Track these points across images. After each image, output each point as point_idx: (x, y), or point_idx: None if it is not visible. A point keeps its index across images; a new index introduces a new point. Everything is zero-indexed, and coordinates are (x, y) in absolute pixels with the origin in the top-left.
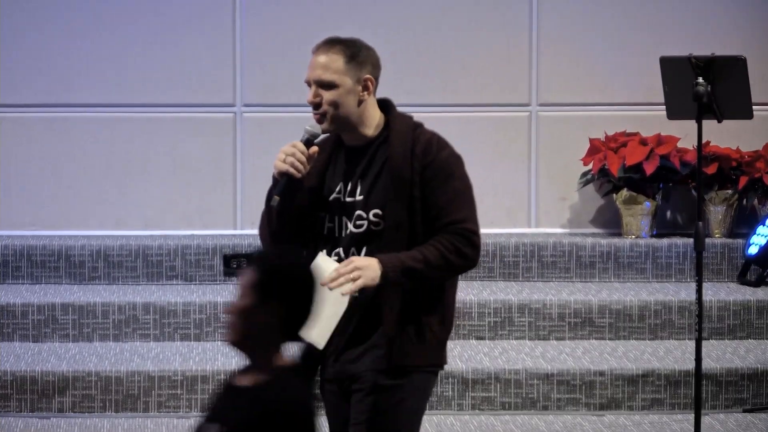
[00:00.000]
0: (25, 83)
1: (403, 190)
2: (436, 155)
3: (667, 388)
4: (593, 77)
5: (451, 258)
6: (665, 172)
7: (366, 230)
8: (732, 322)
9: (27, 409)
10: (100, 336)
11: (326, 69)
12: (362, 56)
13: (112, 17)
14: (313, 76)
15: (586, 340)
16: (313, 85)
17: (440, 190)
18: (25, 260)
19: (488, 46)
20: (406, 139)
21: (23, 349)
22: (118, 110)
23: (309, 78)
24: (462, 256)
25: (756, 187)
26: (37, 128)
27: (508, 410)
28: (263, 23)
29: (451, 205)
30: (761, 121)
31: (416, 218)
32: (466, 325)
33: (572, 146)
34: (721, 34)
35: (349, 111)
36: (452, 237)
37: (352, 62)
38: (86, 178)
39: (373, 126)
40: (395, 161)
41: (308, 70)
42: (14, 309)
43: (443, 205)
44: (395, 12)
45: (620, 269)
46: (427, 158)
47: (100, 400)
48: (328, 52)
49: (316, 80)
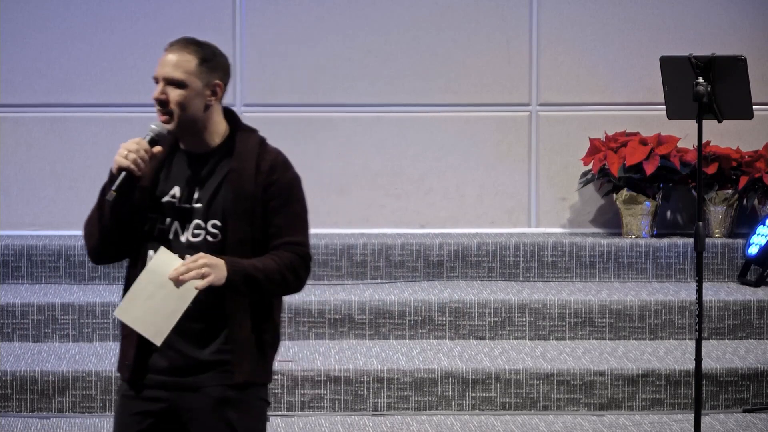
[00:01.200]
0: (25, 84)
1: (246, 204)
2: (281, 174)
3: (667, 388)
4: (593, 77)
5: (287, 276)
6: (665, 172)
7: (203, 240)
8: (732, 322)
9: (27, 409)
10: (100, 336)
11: (177, 67)
12: (215, 61)
13: (112, 18)
14: (162, 72)
15: (586, 340)
16: (161, 81)
17: (282, 209)
18: (25, 260)
19: (488, 47)
20: (253, 154)
21: (23, 350)
22: (118, 110)
23: (158, 74)
24: (297, 276)
25: (756, 187)
26: (37, 129)
27: (508, 410)
28: (263, 24)
29: (291, 227)
30: (761, 121)
31: (257, 234)
32: (467, 325)
33: (572, 146)
34: (721, 35)
35: (196, 114)
36: (291, 256)
37: (204, 65)
38: (86, 179)
39: (218, 134)
40: (240, 175)
41: (158, 67)
42: (14, 309)
43: (283, 225)
44: (396, 12)
45: (620, 269)
46: (273, 176)
47: (100, 400)
48: (182, 51)
49: (165, 77)
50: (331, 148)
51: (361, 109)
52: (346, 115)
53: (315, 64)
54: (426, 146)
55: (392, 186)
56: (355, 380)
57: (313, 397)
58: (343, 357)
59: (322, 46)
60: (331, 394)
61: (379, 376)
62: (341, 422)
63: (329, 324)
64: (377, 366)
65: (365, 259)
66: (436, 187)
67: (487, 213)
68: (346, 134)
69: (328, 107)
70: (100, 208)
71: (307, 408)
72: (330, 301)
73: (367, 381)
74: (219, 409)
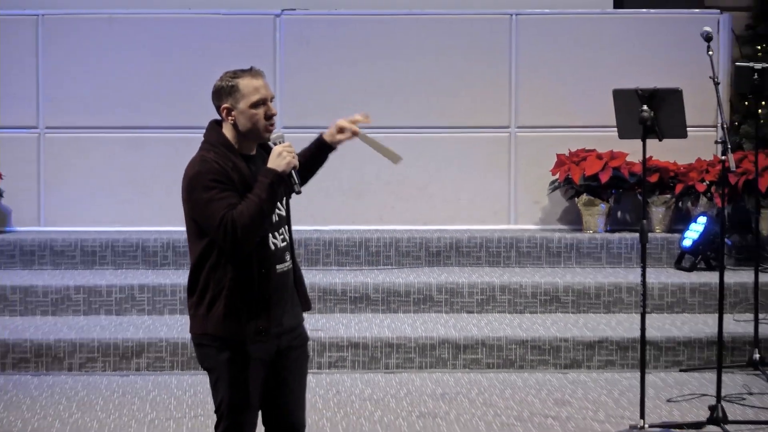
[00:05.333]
0: (108, 110)
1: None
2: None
3: (618, 352)
4: (560, 105)
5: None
6: (617, 181)
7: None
8: (670, 300)
9: (110, 368)
10: (169, 310)
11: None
12: None
13: (175, 58)
14: (270, 93)
15: (553, 313)
16: (269, 101)
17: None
18: (109, 250)
19: (477, 81)
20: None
21: (108, 321)
22: (179, 132)
23: (267, 96)
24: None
25: (690, 193)
26: (118, 146)
27: (492, 369)
28: (297, 62)
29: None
30: (694, 140)
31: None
32: (459, 302)
33: (543, 160)
34: (662, 72)
35: None
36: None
37: None
38: (156, 185)
39: None
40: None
41: (262, 89)
42: (101, 289)
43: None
44: (404, 53)
45: (581, 257)
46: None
47: (169, 361)
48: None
49: (272, 96)
50: (350, 161)
51: (375, 130)
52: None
53: (338, 94)
54: (428, 160)
55: (401, 191)
56: (371, 345)
57: (338, 359)
58: (361, 327)
59: (345, 79)
60: (351, 356)
61: (390, 342)
62: (360, 378)
63: (350, 301)
64: (388, 334)
65: (379, 249)
66: (436, 193)
67: (475, 212)
68: (362, 150)
69: None
70: (273, 202)
71: (333, 367)
72: (351, 283)
73: (380, 346)
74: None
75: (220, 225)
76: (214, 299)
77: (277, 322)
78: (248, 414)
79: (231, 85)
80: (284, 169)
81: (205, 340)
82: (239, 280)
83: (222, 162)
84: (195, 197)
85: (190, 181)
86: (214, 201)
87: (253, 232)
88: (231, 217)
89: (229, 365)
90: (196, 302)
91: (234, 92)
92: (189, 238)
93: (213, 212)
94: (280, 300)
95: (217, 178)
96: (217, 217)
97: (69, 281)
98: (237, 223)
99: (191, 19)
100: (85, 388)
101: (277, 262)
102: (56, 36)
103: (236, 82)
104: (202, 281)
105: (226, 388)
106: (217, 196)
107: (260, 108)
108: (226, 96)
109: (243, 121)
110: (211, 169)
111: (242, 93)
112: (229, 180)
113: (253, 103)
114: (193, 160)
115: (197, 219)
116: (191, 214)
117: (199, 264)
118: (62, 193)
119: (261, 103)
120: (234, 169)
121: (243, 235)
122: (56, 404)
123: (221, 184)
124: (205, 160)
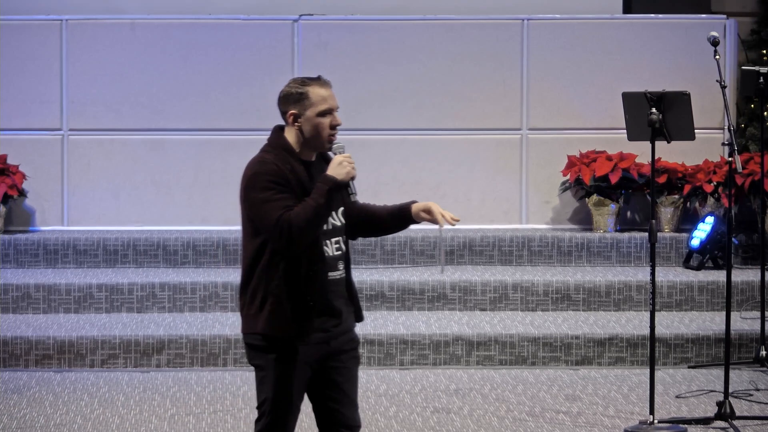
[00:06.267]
0: (132, 113)
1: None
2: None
3: (627, 348)
4: (570, 108)
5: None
6: (626, 182)
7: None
8: (678, 298)
9: (131, 365)
10: (189, 308)
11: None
12: None
13: (198, 62)
14: (336, 104)
15: (564, 311)
16: (335, 111)
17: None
18: (131, 249)
19: (489, 85)
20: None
21: (129, 318)
22: (202, 134)
23: (334, 106)
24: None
25: (697, 193)
26: (141, 148)
27: (505, 365)
28: (314, 67)
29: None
30: (701, 141)
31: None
32: (472, 299)
33: (554, 161)
34: (670, 75)
35: None
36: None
37: None
38: (178, 186)
39: None
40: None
41: (329, 99)
42: (122, 287)
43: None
44: (418, 58)
45: (591, 256)
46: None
47: (189, 357)
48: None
49: (338, 107)
50: (366, 163)
51: (390, 133)
52: (378, 137)
53: (355, 97)
54: (441, 161)
55: (414, 192)
56: (386, 342)
57: None
58: (377, 324)
59: (361, 83)
60: (368, 352)
61: (405, 339)
62: (375, 374)
63: (366, 298)
64: (403, 331)
65: (394, 248)
66: (448, 193)
67: (488, 213)
68: (378, 152)
69: (364, 131)
70: (328, 208)
71: None
72: (366, 281)
73: (395, 342)
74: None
75: (276, 225)
76: (265, 299)
77: (326, 326)
78: (289, 413)
79: (300, 92)
80: (343, 178)
81: (255, 339)
82: (291, 281)
83: (281, 164)
84: (252, 196)
85: (249, 180)
86: (271, 201)
87: (307, 234)
88: (287, 218)
89: (276, 364)
90: (248, 301)
91: (302, 99)
92: (243, 237)
93: (269, 212)
94: (330, 305)
95: (275, 179)
96: (273, 217)
97: (91, 279)
98: (293, 225)
99: (211, 24)
100: (107, 384)
101: (329, 270)
102: (80, 41)
103: (305, 89)
104: (255, 280)
105: (271, 386)
106: (274, 196)
107: (326, 117)
108: (294, 102)
109: (308, 129)
110: (269, 170)
111: (311, 101)
112: (287, 182)
113: (320, 111)
114: (252, 161)
115: (253, 218)
116: (247, 213)
117: (253, 263)
118: (85, 194)
119: (327, 113)
120: (292, 173)
121: (298, 237)
122: (78, 400)
123: (279, 186)
124: (265, 161)
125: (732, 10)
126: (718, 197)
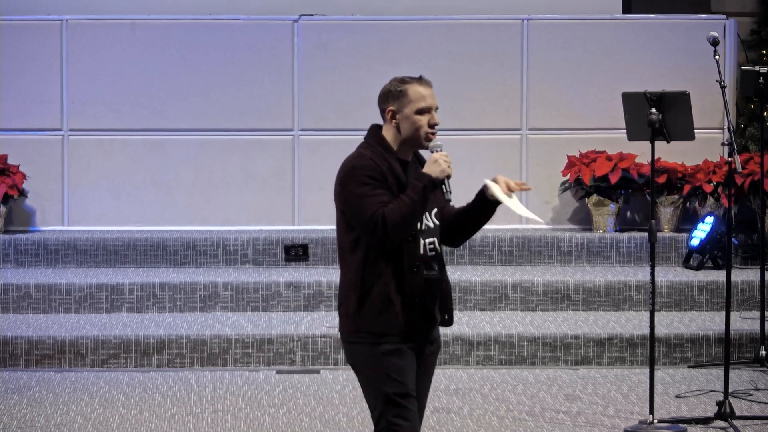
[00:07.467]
0: (131, 113)
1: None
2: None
3: (627, 348)
4: (570, 108)
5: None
6: (626, 182)
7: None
8: (678, 298)
9: (132, 365)
10: (190, 308)
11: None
12: None
13: (198, 62)
14: (435, 103)
15: (564, 311)
16: (434, 110)
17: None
18: (132, 249)
19: (489, 85)
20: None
21: (129, 318)
22: (203, 134)
23: (432, 105)
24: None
25: (697, 193)
26: (141, 148)
27: (505, 365)
28: (314, 67)
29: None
30: (701, 142)
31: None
32: (472, 299)
33: (554, 161)
34: (669, 75)
35: None
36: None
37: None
38: (179, 186)
39: None
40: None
41: (428, 98)
42: (123, 287)
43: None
44: (418, 58)
45: (591, 256)
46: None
47: (189, 357)
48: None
49: (437, 106)
50: None
51: None
52: None
53: (355, 97)
54: None
55: None
56: None
57: None
58: None
59: (361, 83)
60: None
61: None
62: None
63: None
64: None
65: None
66: None
67: None
68: None
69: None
70: (423, 205)
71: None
72: None
73: None
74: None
75: (370, 220)
76: (365, 295)
77: (425, 324)
78: (410, 402)
79: (399, 90)
80: (438, 175)
81: (359, 338)
82: (392, 276)
83: (378, 161)
84: (348, 191)
85: (345, 175)
86: (367, 196)
87: (402, 230)
88: (382, 214)
89: (385, 356)
90: (346, 300)
91: (401, 97)
92: (338, 233)
93: (365, 207)
94: (426, 303)
95: (372, 174)
96: (368, 212)
97: (92, 279)
98: (388, 220)
99: (211, 24)
100: (107, 384)
101: (426, 268)
102: (80, 41)
103: (405, 87)
104: (352, 278)
105: (385, 380)
106: (370, 192)
107: (425, 115)
108: (393, 100)
109: (406, 126)
110: (367, 165)
111: (410, 99)
112: (383, 178)
113: (419, 109)
114: (349, 157)
115: (347, 212)
116: (342, 208)
117: (350, 261)
118: (85, 194)
119: (426, 111)
120: (389, 169)
121: (393, 233)
122: (78, 400)
123: (375, 181)
124: (362, 156)
125: (732, 10)
126: (717, 197)
